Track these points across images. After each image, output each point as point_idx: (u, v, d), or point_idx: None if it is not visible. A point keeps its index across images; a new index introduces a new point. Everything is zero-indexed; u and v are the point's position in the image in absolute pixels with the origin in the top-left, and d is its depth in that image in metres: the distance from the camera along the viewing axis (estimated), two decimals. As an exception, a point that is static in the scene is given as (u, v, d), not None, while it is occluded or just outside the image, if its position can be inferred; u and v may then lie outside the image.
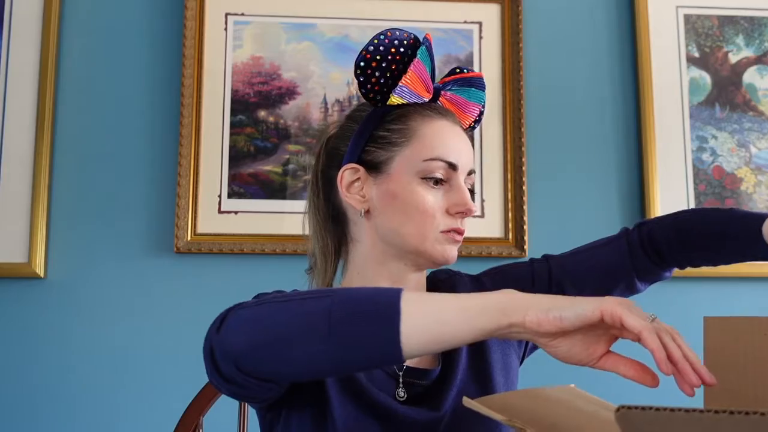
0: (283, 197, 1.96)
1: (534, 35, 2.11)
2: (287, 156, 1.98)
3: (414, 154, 1.09)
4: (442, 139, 1.10)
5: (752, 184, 2.07)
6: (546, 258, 1.26)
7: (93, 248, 1.92)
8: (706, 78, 2.11)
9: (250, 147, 1.97)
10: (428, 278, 1.23)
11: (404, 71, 1.09)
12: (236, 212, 1.95)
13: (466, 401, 0.91)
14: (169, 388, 1.88)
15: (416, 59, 1.09)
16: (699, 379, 0.78)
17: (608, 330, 0.83)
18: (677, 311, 1.89)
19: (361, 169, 1.11)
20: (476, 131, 2.03)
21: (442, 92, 1.14)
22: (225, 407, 1.44)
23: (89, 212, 1.94)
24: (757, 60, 2.14)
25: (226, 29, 2.01)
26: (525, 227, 1.98)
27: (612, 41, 2.13)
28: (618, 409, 0.60)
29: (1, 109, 1.94)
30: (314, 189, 1.18)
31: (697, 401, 0.95)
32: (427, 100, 1.12)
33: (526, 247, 1.97)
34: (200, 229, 1.93)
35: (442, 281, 1.22)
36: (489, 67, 2.06)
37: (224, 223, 1.94)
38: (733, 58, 2.13)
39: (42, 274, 1.88)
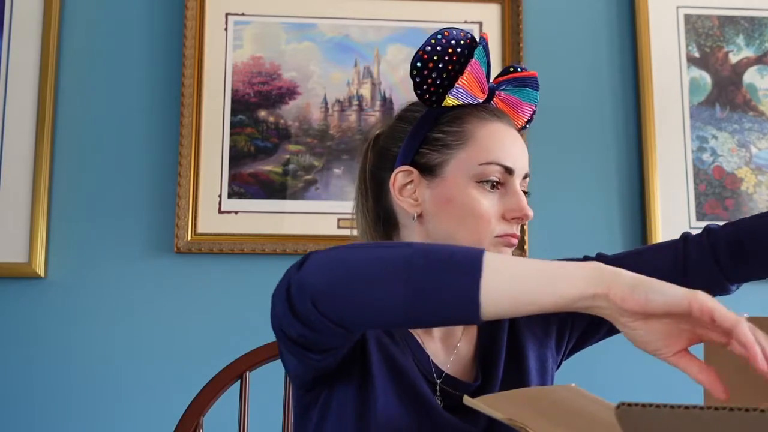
0: (284, 197, 1.96)
1: (534, 35, 2.11)
2: (287, 156, 1.98)
3: (470, 158, 1.07)
4: (499, 142, 1.08)
5: (752, 184, 2.07)
6: (600, 256, 1.21)
7: (93, 248, 1.92)
8: (707, 78, 2.11)
9: (250, 147, 1.97)
10: None
11: (461, 72, 1.07)
12: (236, 212, 1.95)
13: (467, 400, 0.91)
14: (169, 388, 1.88)
15: (473, 60, 1.06)
16: None
17: (694, 328, 0.78)
18: (677, 311, 1.88)
19: (415, 171, 1.09)
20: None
21: (497, 92, 1.12)
22: (225, 407, 1.43)
23: (89, 212, 1.94)
24: (758, 60, 2.14)
25: (226, 29, 2.01)
26: (525, 227, 1.98)
27: (612, 41, 2.13)
28: (618, 407, 0.60)
29: (1, 109, 1.94)
30: (362, 189, 1.16)
31: (697, 399, 0.95)
32: (482, 101, 1.10)
33: (526, 247, 1.97)
34: (200, 229, 1.93)
35: None
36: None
37: (224, 223, 1.94)
38: (734, 58, 2.13)
39: (42, 274, 1.88)
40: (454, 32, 1.08)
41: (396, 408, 1.02)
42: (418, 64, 1.07)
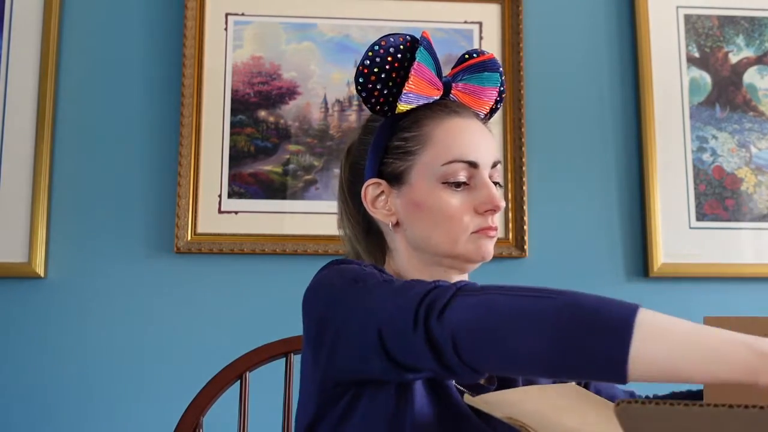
0: (284, 197, 1.96)
1: (534, 35, 2.11)
2: (287, 156, 1.98)
3: (431, 160, 1.06)
4: (458, 138, 1.07)
5: (752, 184, 2.07)
6: None
7: (93, 248, 1.92)
8: (707, 78, 2.11)
9: (250, 147, 1.97)
10: None
11: (406, 77, 1.05)
12: (236, 212, 1.95)
13: (468, 399, 0.91)
14: (169, 388, 1.88)
15: (416, 62, 1.05)
16: None
17: None
18: (677, 311, 1.88)
19: (383, 182, 1.09)
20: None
21: (453, 85, 1.11)
22: (225, 407, 1.43)
23: (89, 212, 1.94)
24: (758, 60, 2.14)
25: (226, 29, 2.01)
26: (525, 227, 1.98)
27: (612, 41, 2.13)
28: (618, 404, 0.60)
29: (1, 109, 1.94)
30: (343, 199, 1.16)
31: (696, 396, 0.94)
32: (437, 98, 1.09)
33: (526, 247, 1.97)
34: (200, 229, 1.93)
35: None
36: (489, 67, 2.06)
37: (224, 223, 1.94)
38: (734, 59, 2.13)
39: (42, 274, 1.88)
40: (392, 39, 1.07)
41: (430, 412, 1.01)
42: (361, 80, 1.06)
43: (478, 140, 1.08)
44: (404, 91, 1.05)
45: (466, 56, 1.15)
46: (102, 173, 1.96)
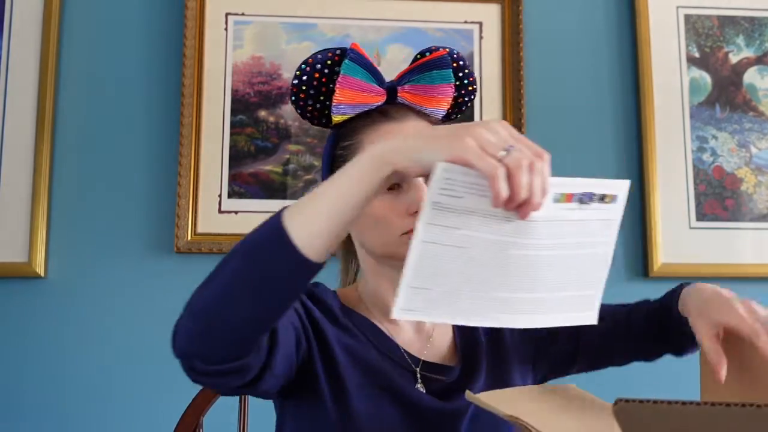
0: (284, 197, 1.96)
1: (534, 35, 2.11)
2: (287, 156, 1.98)
3: None
4: None
5: (752, 184, 2.07)
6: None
7: (93, 248, 1.93)
8: (707, 78, 2.11)
9: (250, 147, 1.98)
10: None
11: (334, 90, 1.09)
12: (236, 212, 1.95)
13: (469, 396, 0.91)
14: (169, 388, 1.87)
15: (340, 75, 1.08)
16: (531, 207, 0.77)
17: None
18: (677, 311, 1.88)
19: None
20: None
21: (399, 88, 1.12)
22: (225, 407, 1.43)
23: (89, 212, 1.94)
24: (758, 60, 2.14)
25: (226, 29, 2.02)
26: (525, 227, 1.98)
27: (612, 41, 2.13)
28: (616, 403, 0.60)
29: (1, 109, 1.94)
30: None
31: (694, 395, 0.95)
32: (377, 104, 1.10)
33: (526, 247, 1.97)
34: (200, 229, 1.93)
35: None
36: (489, 67, 2.06)
37: (224, 223, 1.94)
38: (734, 59, 2.13)
39: (42, 274, 1.88)
40: (319, 56, 1.10)
41: (375, 405, 1.04)
42: (293, 98, 1.11)
43: None
44: (334, 103, 1.09)
45: (418, 56, 1.15)
46: (102, 173, 1.96)
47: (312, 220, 0.82)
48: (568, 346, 1.19)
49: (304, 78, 1.10)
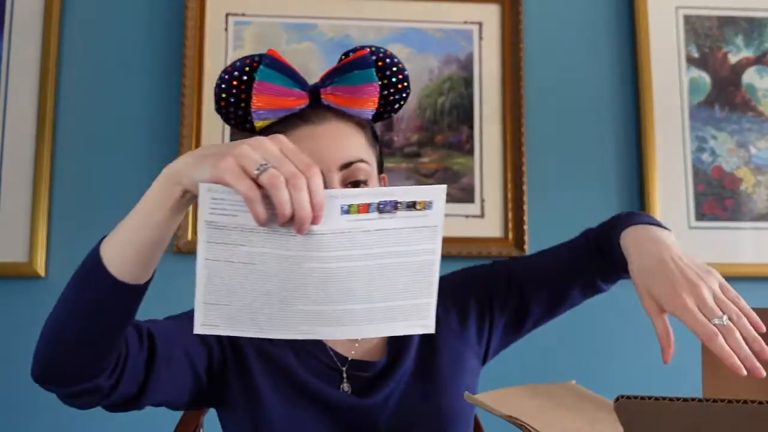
0: (284, 197, 1.96)
1: (534, 35, 2.11)
2: (287, 156, 1.98)
3: None
4: (299, 147, 1.08)
5: (752, 184, 2.07)
6: (509, 259, 1.25)
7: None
8: (706, 78, 2.12)
9: (250, 147, 1.97)
10: None
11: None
12: (237, 212, 1.95)
13: (468, 396, 0.91)
14: (169, 387, 1.88)
15: (255, 81, 1.08)
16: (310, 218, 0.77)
17: None
18: (677, 311, 1.89)
19: None
20: (475, 130, 2.03)
21: (322, 90, 1.11)
22: (225, 405, 1.43)
23: (90, 211, 1.94)
24: (757, 60, 2.14)
25: (226, 29, 2.02)
26: (525, 227, 1.98)
27: (612, 41, 2.13)
28: (617, 399, 0.60)
29: (2, 109, 1.94)
30: None
31: (696, 392, 0.95)
32: (300, 107, 1.10)
33: (526, 246, 1.98)
34: (201, 229, 1.93)
35: None
36: (489, 67, 2.06)
37: (225, 223, 1.94)
38: (733, 59, 2.14)
39: (43, 274, 1.88)
40: (237, 63, 1.10)
41: (290, 410, 1.06)
42: (216, 107, 1.12)
43: (321, 145, 1.08)
44: (253, 109, 1.09)
45: (342, 57, 1.14)
46: (103, 173, 1.97)
47: (120, 245, 0.86)
48: (514, 300, 1.20)
49: (224, 86, 1.10)
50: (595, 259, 1.16)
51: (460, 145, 2.02)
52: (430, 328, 0.86)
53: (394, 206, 0.80)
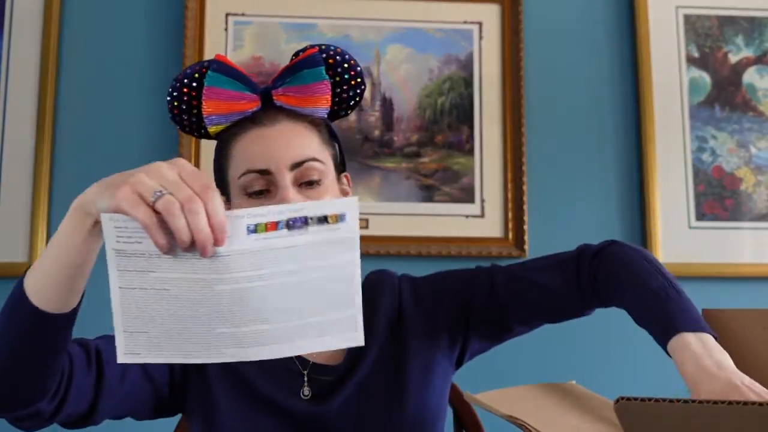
0: (284, 197, 1.96)
1: (534, 35, 2.11)
2: (287, 156, 1.98)
3: (233, 174, 1.09)
4: (249, 149, 1.08)
5: (752, 184, 2.07)
6: (492, 267, 1.20)
7: (93, 248, 1.93)
8: (706, 78, 2.12)
9: (250, 147, 1.98)
10: (363, 282, 1.20)
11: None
12: (236, 212, 1.95)
13: (468, 396, 0.91)
14: (169, 387, 1.88)
15: (204, 87, 1.08)
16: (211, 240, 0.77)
17: None
18: (677, 311, 1.89)
19: (224, 199, 1.12)
20: (475, 130, 2.03)
21: (274, 91, 1.10)
22: (225, 406, 1.43)
23: (90, 212, 1.94)
24: (757, 60, 2.14)
25: (226, 29, 2.02)
26: (525, 227, 1.98)
27: (612, 41, 2.13)
28: (617, 401, 0.60)
29: (2, 109, 1.94)
30: None
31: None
32: (252, 110, 1.09)
33: (526, 247, 1.98)
34: (201, 229, 1.93)
35: (369, 283, 1.20)
36: (489, 67, 2.06)
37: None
38: (733, 59, 2.14)
39: (42, 274, 1.88)
40: (188, 71, 1.10)
41: (245, 418, 1.06)
42: (170, 115, 1.12)
43: (269, 148, 1.07)
44: (204, 115, 1.09)
45: (293, 57, 1.13)
46: (102, 173, 1.94)
47: (40, 275, 0.85)
48: (493, 313, 1.15)
49: (175, 94, 1.10)
50: (589, 300, 1.11)
51: (460, 145, 2.02)
52: (358, 340, 0.84)
53: (305, 222, 0.79)
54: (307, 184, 1.07)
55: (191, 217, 0.76)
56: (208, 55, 1.99)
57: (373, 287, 1.19)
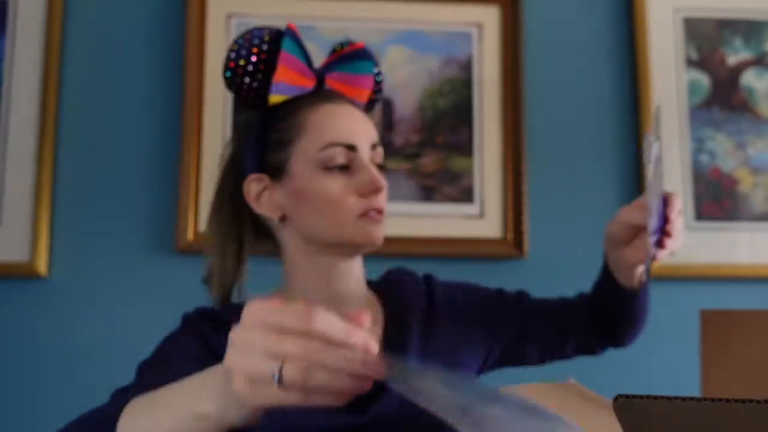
0: (284, 197, 1.96)
1: (534, 37, 2.12)
2: (288, 156, 1.99)
3: (308, 147, 1.05)
4: (334, 123, 1.05)
5: (750, 185, 2.08)
6: (519, 295, 1.24)
7: (96, 248, 1.93)
8: (705, 80, 2.12)
9: (251, 147, 1.98)
10: (380, 280, 1.20)
11: (274, 68, 1.05)
12: (237, 212, 1.95)
13: (467, 396, 0.92)
14: (170, 387, 1.88)
15: (282, 51, 1.04)
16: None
17: None
18: (675, 311, 1.89)
19: (265, 176, 1.08)
20: (475, 132, 2.04)
21: (327, 75, 1.10)
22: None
23: (92, 211, 1.95)
24: (756, 62, 2.15)
25: (227, 30, 2.02)
26: (525, 228, 1.99)
27: (611, 43, 2.14)
28: (616, 398, 0.61)
29: (4, 108, 1.95)
30: (219, 203, 1.15)
31: (694, 391, 0.95)
32: (310, 88, 1.08)
33: (525, 247, 1.98)
34: (202, 228, 1.93)
35: (392, 282, 1.19)
36: (489, 69, 2.07)
37: (225, 223, 1.94)
38: (732, 61, 2.14)
39: (45, 274, 1.89)
40: (255, 32, 1.06)
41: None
42: (228, 74, 1.06)
43: (353, 124, 1.07)
44: (274, 82, 1.04)
45: (337, 48, 1.13)
46: (104, 172, 1.97)
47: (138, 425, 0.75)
48: (515, 338, 1.20)
49: (243, 53, 1.05)
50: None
51: (460, 146, 2.03)
52: None
53: None
54: (378, 167, 1.08)
55: (330, 376, 0.61)
56: (210, 55, 2.00)
57: (398, 286, 1.18)
